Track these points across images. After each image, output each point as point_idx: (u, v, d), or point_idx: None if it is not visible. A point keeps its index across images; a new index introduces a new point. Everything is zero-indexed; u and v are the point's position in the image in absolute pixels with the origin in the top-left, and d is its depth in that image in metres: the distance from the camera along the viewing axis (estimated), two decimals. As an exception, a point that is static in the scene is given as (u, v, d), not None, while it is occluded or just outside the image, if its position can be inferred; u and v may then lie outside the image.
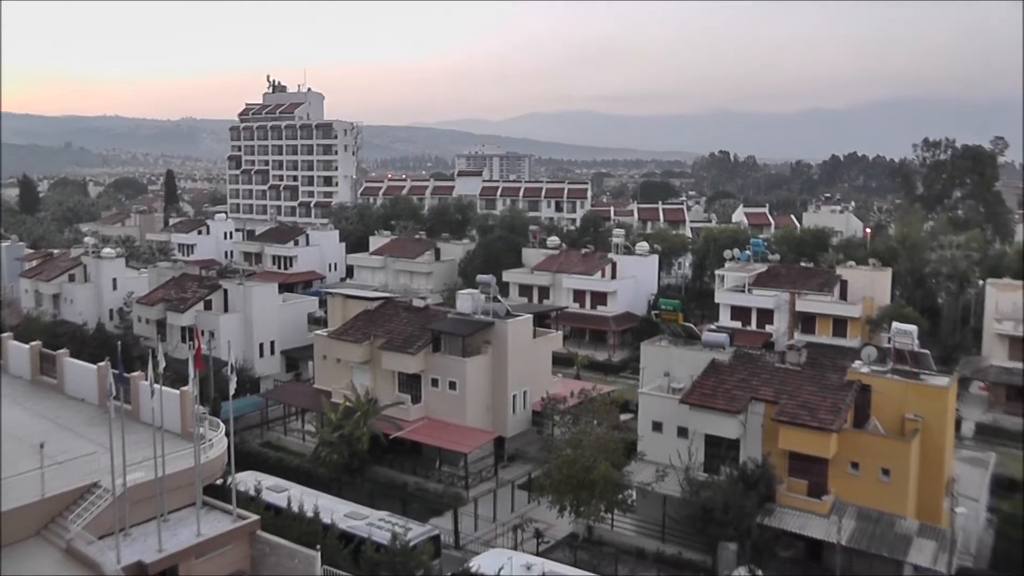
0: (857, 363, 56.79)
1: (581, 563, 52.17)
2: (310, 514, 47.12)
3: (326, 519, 47.65)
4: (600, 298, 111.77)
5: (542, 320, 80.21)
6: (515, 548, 53.71)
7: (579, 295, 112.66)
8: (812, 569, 52.12)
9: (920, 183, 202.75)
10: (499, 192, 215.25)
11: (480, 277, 76.27)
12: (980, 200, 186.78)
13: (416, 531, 49.47)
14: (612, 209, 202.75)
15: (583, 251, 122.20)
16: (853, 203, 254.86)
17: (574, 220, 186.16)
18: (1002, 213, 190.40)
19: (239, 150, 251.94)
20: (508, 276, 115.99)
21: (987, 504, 61.37)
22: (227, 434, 42.56)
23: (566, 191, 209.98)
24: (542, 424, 70.29)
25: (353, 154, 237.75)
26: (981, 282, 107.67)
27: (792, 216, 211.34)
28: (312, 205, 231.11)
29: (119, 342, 47.34)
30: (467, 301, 71.50)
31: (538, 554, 52.63)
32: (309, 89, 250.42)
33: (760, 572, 48.87)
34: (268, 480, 55.92)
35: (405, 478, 65.38)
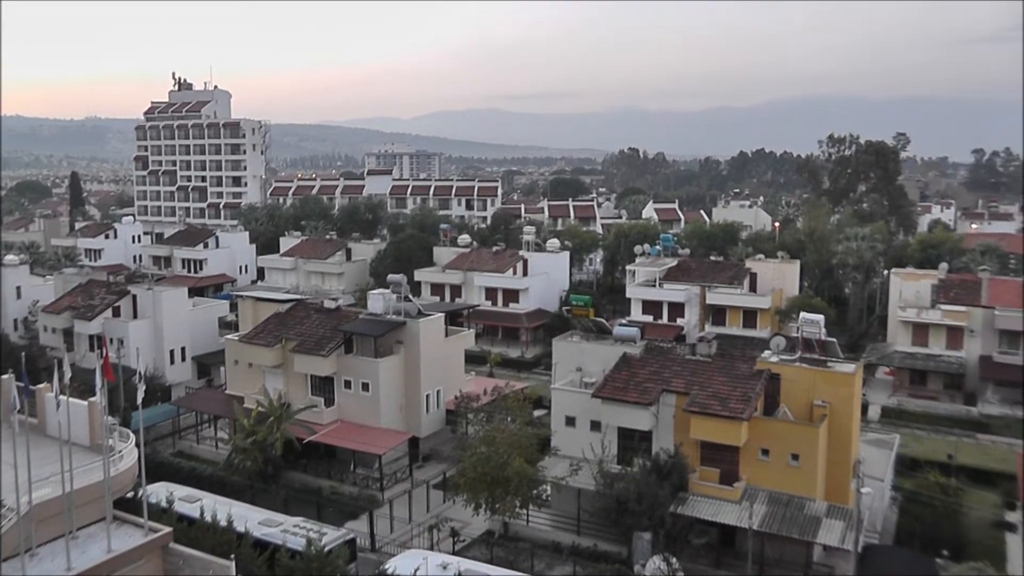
0: (766, 353, 58.15)
1: (497, 560, 52.35)
2: (224, 523, 46.17)
3: (240, 528, 46.74)
4: (512, 295, 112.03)
5: (454, 318, 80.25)
6: (431, 548, 53.47)
7: (491, 293, 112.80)
8: (725, 554, 53.27)
9: (826, 178, 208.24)
10: (409, 191, 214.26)
11: (391, 277, 75.90)
12: (884, 193, 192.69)
13: (331, 536, 48.94)
14: (523, 207, 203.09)
15: (494, 249, 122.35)
16: (762, 198, 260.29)
17: (485, 218, 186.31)
18: (905, 206, 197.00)
19: (145, 150, 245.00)
20: (420, 275, 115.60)
21: (891, 483, 63.78)
22: (137, 445, 41.49)
23: (476, 189, 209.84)
24: (456, 423, 70.37)
25: (262, 153, 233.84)
26: (886, 272, 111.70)
27: (702, 211, 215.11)
28: (221, 206, 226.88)
29: (23, 353, 45.99)
30: (378, 301, 71.01)
31: (454, 553, 52.57)
32: (216, 87, 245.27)
33: (674, 560, 49.57)
34: (180, 491, 54.67)
35: (320, 482, 64.83)
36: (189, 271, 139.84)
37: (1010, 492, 64.18)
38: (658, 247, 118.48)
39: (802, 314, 62.48)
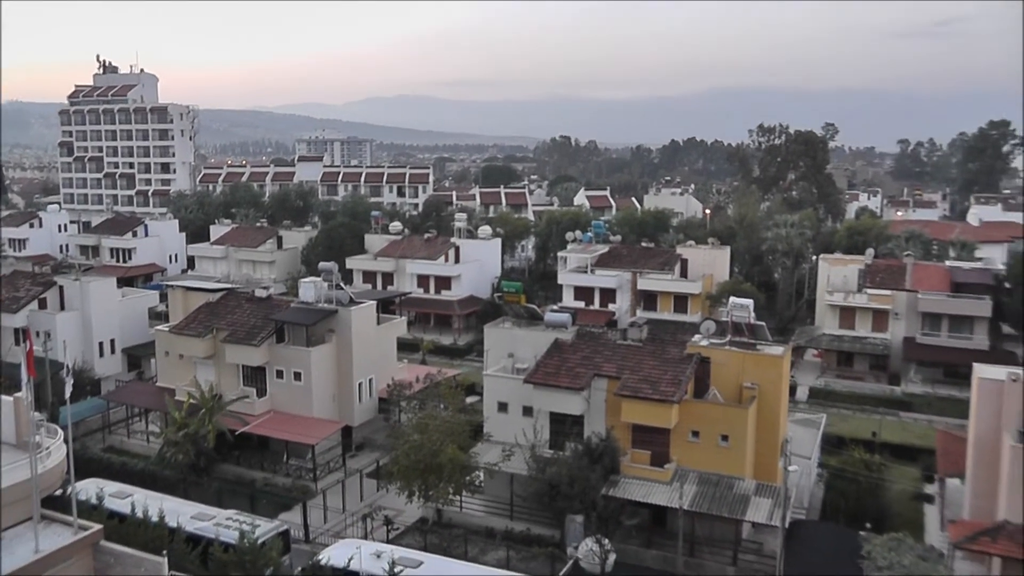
0: (697, 337, 59.10)
1: (431, 547, 52.46)
2: (156, 519, 45.59)
3: (172, 523, 46.24)
4: (444, 282, 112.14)
5: (386, 306, 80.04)
6: (365, 537, 53.50)
7: (423, 280, 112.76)
8: (657, 534, 54.26)
9: (756, 166, 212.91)
10: (340, 177, 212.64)
11: (323, 265, 75.32)
12: (812, 182, 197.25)
13: (264, 528, 48.53)
14: (454, 194, 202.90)
15: (426, 236, 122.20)
16: (693, 186, 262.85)
17: (416, 205, 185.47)
18: (833, 194, 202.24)
19: (70, 136, 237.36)
20: (351, 263, 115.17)
21: (818, 461, 65.55)
22: (66, 441, 40.59)
23: (408, 176, 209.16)
24: (389, 411, 70.44)
25: (190, 139, 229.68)
26: (814, 258, 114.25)
27: (633, 199, 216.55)
28: (150, 194, 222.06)
29: (-55, 349, 44.81)
30: (310, 290, 70.49)
31: (388, 541, 52.64)
32: (142, 70, 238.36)
33: (607, 541, 50.27)
34: (111, 487, 53.60)
35: (253, 474, 64.39)
36: (118, 261, 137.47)
37: (929, 466, 66.80)
38: (590, 234, 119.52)
39: (732, 299, 63.42)
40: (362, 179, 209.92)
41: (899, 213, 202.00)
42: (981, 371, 54.36)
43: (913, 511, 62.54)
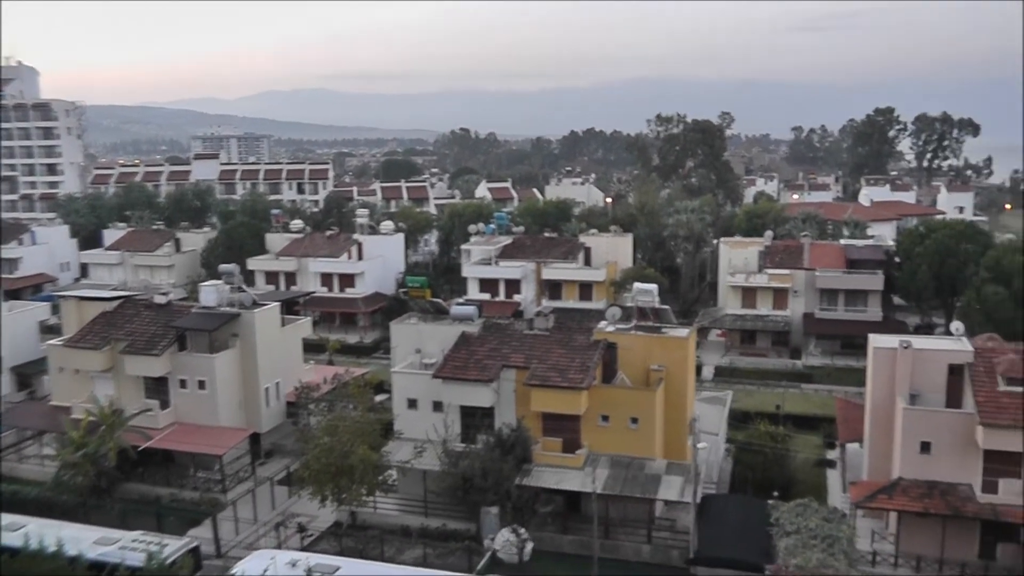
0: (603, 323, 60.07)
1: (347, 551, 52.01)
2: (52, 549, 42.48)
3: (73, 551, 43.97)
4: (348, 280, 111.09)
5: (290, 307, 78.74)
6: (279, 547, 52.81)
7: (327, 278, 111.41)
8: (572, 520, 54.85)
9: (655, 155, 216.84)
10: (238, 175, 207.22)
11: (223, 267, 73.88)
12: (711, 169, 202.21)
13: (173, 546, 47.16)
14: (355, 189, 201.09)
15: (328, 233, 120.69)
16: (593, 175, 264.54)
17: (317, 202, 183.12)
18: (731, 180, 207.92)
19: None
20: (253, 264, 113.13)
21: (725, 436, 67.61)
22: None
23: (307, 172, 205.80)
24: (297, 415, 69.19)
25: (78, 137, 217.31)
26: (715, 241, 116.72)
27: (535, 189, 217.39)
28: (36, 197, 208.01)
29: None
30: (211, 293, 68.74)
31: (303, 549, 52.04)
32: (20, 63, 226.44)
33: (523, 531, 50.65)
34: (2, 519, 51.21)
35: (159, 491, 62.25)
36: (2, 272, 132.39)
37: (830, 433, 69.76)
38: (492, 226, 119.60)
39: (636, 284, 64.38)
40: (261, 176, 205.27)
41: (795, 196, 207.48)
42: (875, 341, 57.02)
43: (817, 477, 65.03)
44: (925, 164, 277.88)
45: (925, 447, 51.27)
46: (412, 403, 59.14)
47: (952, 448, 50.81)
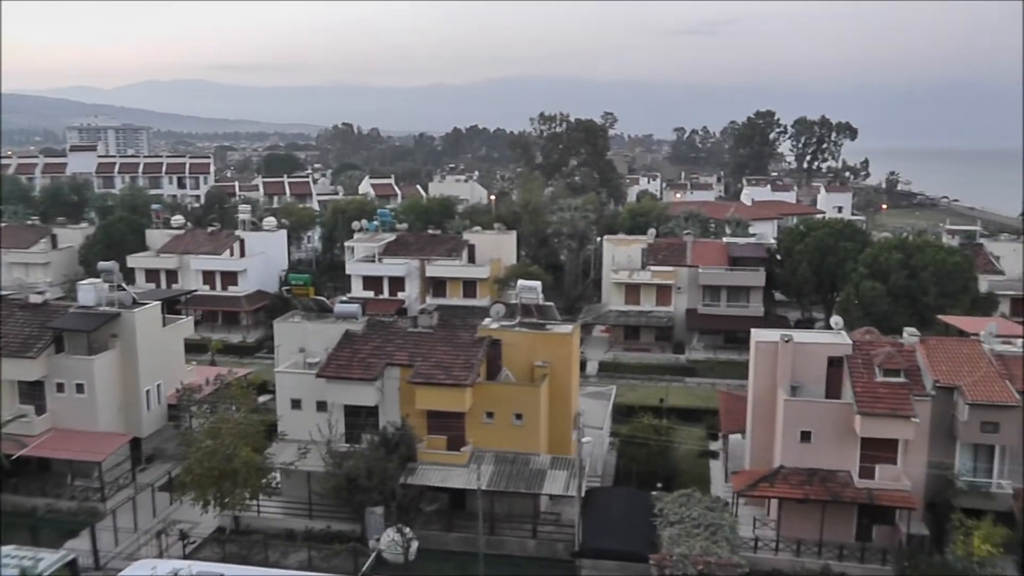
0: (487, 320, 60.34)
1: (231, 557, 51.07)
2: None
3: (-67, 579, 41.84)
4: (230, 278, 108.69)
5: (172, 306, 76.88)
6: (160, 555, 51.21)
7: (209, 276, 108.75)
8: (457, 517, 54.90)
9: (539, 153, 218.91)
10: (117, 168, 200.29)
11: (102, 265, 71.04)
12: (594, 167, 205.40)
13: (48, 560, 45.05)
14: (237, 184, 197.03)
15: (210, 229, 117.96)
16: (477, 172, 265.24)
17: (198, 197, 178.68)
18: (614, 178, 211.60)
19: None
20: (133, 261, 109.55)
21: (609, 430, 68.64)
22: None
23: (188, 166, 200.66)
24: (179, 417, 67.35)
25: None
26: (598, 239, 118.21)
27: (418, 186, 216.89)
28: None
29: None
30: (89, 292, 66.15)
31: (185, 556, 50.69)
32: None
33: (408, 530, 50.34)
34: None
35: (34, 501, 59.36)
36: None
37: (713, 425, 71.70)
38: (376, 223, 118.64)
39: (520, 281, 64.80)
40: (140, 170, 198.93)
41: (677, 195, 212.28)
42: (757, 335, 58.80)
43: (700, 468, 66.76)
44: (805, 165, 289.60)
45: (805, 436, 53.40)
46: (296, 403, 58.12)
47: (831, 437, 53.09)
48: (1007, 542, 46.89)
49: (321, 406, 56.95)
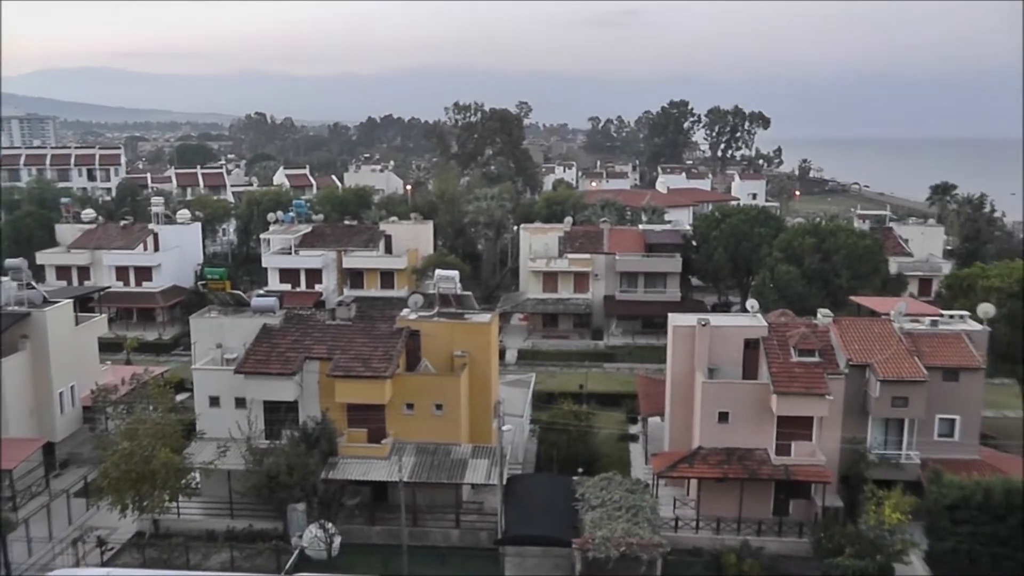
0: (405, 311, 60.07)
1: (151, 561, 50.28)
2: None
3: None
4: (144, 273, 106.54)
5: (84, 304, 75.31)
6: (77, 564, 50.16)
7: (122, 272, 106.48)
8: (380, 510, 54.86)
9: (454, 142, 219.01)
10: (23, 160, 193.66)
11: (9, 262, 69.14)
12: (510, 156, 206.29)
13: (-47, 580, 44.05)
14: (149, 176, 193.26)
15: (122, 223, 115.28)
16: (392, 162, 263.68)
17: (109, 190, 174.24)
18: (530, 167, 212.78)
19: None
20: (42, 258, 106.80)
21: (530, 418, 69.26)
22: None
23: (98, 157, 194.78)
24: (95, 419, 65.87)
25: None
26: (515, 227, 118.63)
27: (333, 176, 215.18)
28: None
29: None
30: (-4, 291, 64.67)
31: (103, 564, 49.86)
32: None
33: (331, 525, 50.31)
34: None
35: (-60, 516, 57.83)
36: None
37: (633, 409, 72.73)
38: (291, 214, 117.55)
39: (438, 271, 64.88)
40: (47, 162, 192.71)
41: (593, 184, 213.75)
42: (675, 320, 60.00)
43: (620, 451, 67.84)
44: (719, 154, 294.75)
45: (723, 417, 54.77)
46: (214, 401, 57.27)
47: (749, 416, 54.55)
48: (915, 509, 48.86)
49: (240, 403, 56.30)
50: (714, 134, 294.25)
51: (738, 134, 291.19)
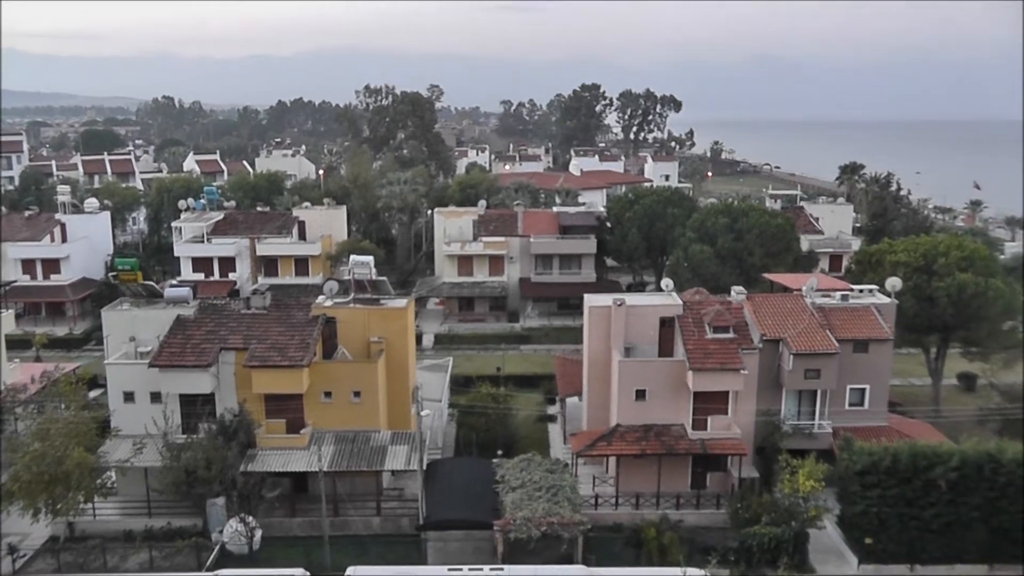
0: (321, 298, 59.82)
1: (66, 567, 49.28)
2: None
3: None
4: (52, 266, 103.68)
5: (-12, 300, 73.13)
6: (-15, 578, 48.98)
7: (28, 265, 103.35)
8: (300, 501, 54.77)
9: (366, 126, 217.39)
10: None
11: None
12: (422, 140, 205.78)
13: None
14: (54, 163, 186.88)
15: (27, 214, 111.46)
16: (304, 147, 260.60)
17: (12, 178, 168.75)
18: (443, 151, 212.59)
19: None
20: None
21: (447, 402, 69.91)
22: None
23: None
24: (3, 421, 64.11)
25: None
26: (429, 212, 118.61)
27: (244, 162, 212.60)
28: None
29: None
30: None
31: (15, 573, 48.75)
32: None
33: (251, 519, 49.95)
34: None
35: None
36: None
37: (550, 390, 73.62)
38: (203, 201, 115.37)
39: (352, 257, 64.80)
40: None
41: (507, 167, 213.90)
42: (591, 300, 60.97)
43: (539, 432, 68.73)
44: (632, 136, 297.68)
45: (640, 395, 56.05)
46: (129, 396, 56.02)
47: (665, 393, 55.95)
48: (828, 476, 50.79)
49: (156, 397, 55.12)
50: (626, 117, 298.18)
51: (650, 117, 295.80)
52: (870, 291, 61.93)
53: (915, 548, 49.44)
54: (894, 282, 61.68)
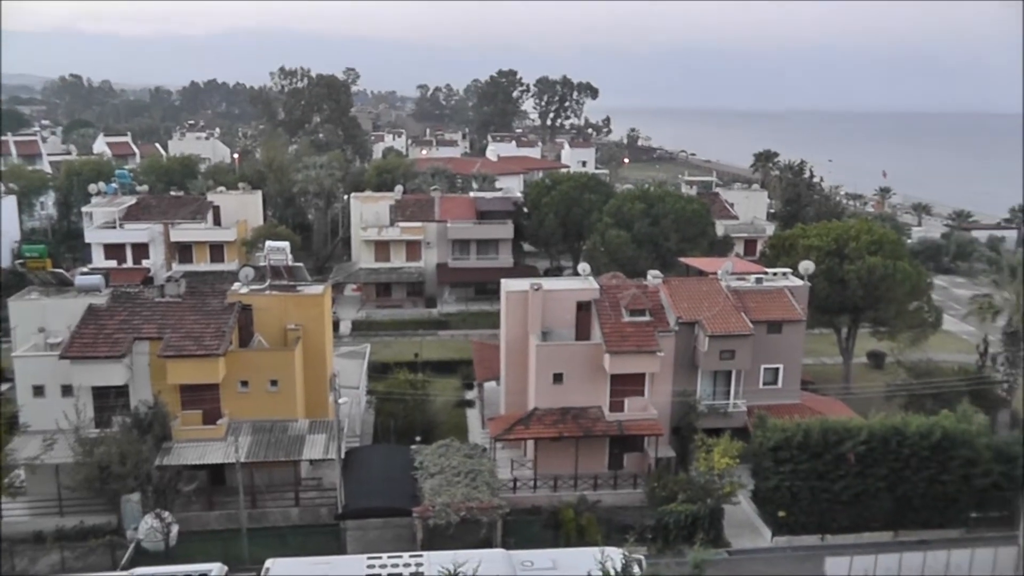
0: (236, 285, 59.01)
1: (-31, 574, 47.84)
2: None
3: None
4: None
5: None
6: None
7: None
8: (218, 494, 54.17)
9: (281, 109, 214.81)
10: None
11: None
12: (338, 124, 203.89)
13: None
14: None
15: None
16: (218, 129, 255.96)
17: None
18: (359, 135, 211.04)
19: None
20: None
21: (366, 389, 69.85)
22: None
23: None
24: None
25: None
26: (346, 197, 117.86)
27: (157, 145, 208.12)
28: None
29: None
30: None
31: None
32: None
33: (167, 514, 49.12)
34: None
35: None
36: None
37: (468, 375, 74.22)
38: (114, 185, 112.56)
39: (268, 243, 64.04)
40: None
41: (423, 152, 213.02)
42: (508, 285, 61.28)
43: (457, 417, 69.32)
44: (549, 123, 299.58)
45: (558, 378, 56.81)
46: (39, 390, 54.42)
47: (582, 376, 56.84)
48: (742, 453, 52.48)
49: (67, 391, 53.73)
50: (543, 103, 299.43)
51: (567, 103, 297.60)
52: (784, 274, 63.86)
53: (825, 519, 51.85)
54: (807, 265, 63.43)
